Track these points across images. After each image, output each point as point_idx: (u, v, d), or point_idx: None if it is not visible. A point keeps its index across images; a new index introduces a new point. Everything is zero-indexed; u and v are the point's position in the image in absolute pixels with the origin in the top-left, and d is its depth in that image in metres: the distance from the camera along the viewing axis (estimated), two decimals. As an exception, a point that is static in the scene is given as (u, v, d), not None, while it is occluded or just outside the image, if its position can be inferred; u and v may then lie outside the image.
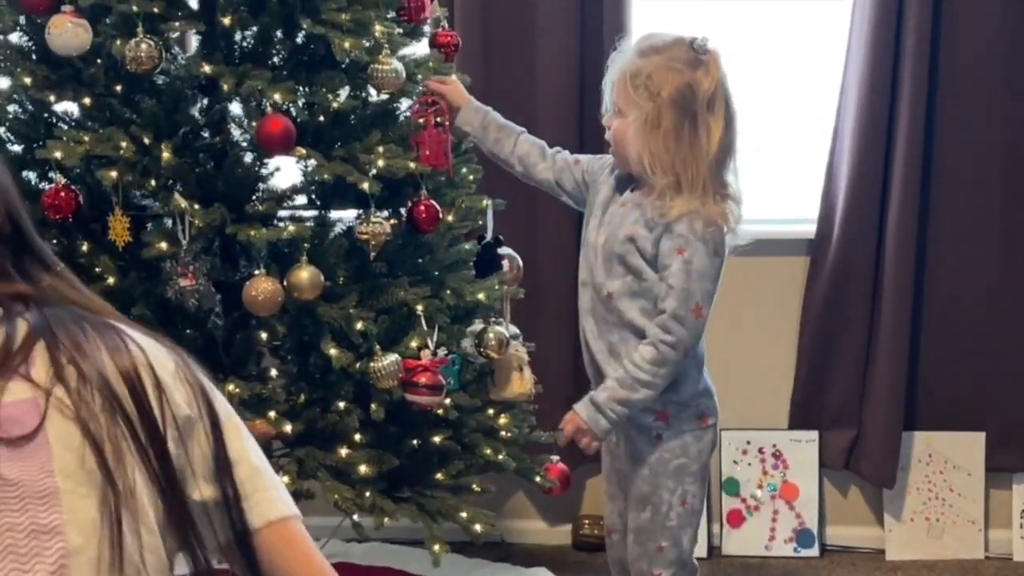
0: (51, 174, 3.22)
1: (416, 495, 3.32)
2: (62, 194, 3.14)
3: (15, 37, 3.33)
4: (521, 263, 3.65)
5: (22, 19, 3.30)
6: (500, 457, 3.44)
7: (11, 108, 3.36)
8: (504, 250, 3.63)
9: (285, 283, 3.07)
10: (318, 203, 3.39)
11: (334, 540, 4.19)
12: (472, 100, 3.42)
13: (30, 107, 3.35)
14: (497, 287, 3.47)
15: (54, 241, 3.22)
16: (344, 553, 4.24)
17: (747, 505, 4.56)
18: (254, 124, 3.13)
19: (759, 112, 4.46)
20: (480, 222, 3.63)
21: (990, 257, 4.38)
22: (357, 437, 3.21)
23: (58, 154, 3.13)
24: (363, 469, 3.12)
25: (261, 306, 3.03)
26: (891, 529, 4.54)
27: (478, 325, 3.36)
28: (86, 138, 3.15)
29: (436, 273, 3.40)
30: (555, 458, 3.65)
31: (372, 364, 3.09)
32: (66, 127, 3.30)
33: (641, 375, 3.07)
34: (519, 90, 4.31)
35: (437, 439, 3.34)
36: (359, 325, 3.13)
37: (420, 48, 3.64)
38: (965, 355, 4.44)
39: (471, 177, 3.58)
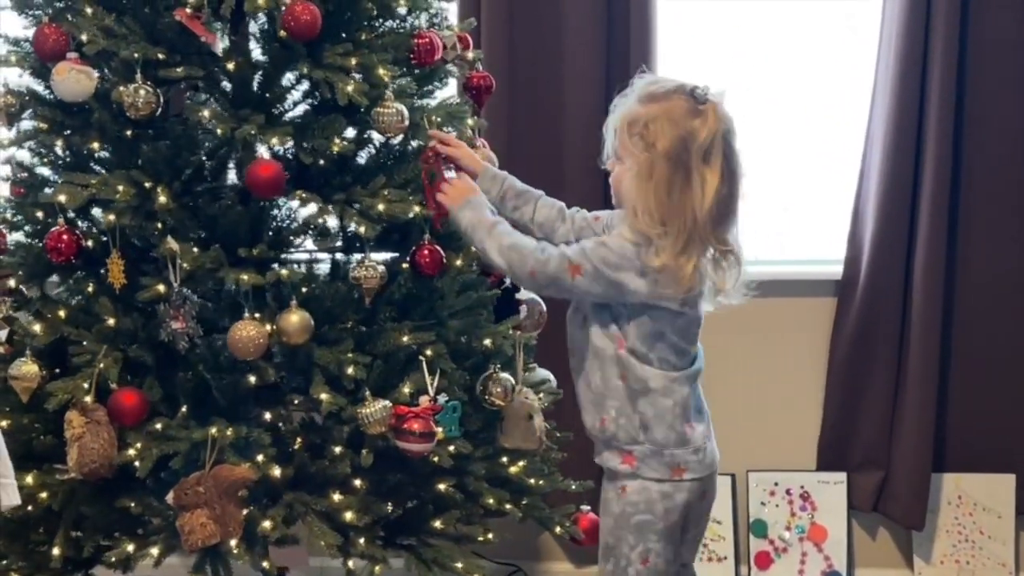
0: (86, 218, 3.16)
1: (419, 543, 3.13)
2: (64, 237, 3.04)
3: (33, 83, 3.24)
4: (544, 308, 3.42)
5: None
6: (507, 506, 3.24)
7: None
8: (524, 295, 3.41)
9: (274, 327, 2.90)
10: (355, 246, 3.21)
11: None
12: (488, 167, 3.13)
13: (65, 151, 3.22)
14: (510, 332, 3.27)
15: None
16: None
17: (775, 547, 4.31)
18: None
19: (787, 154, 4.30)
20: (501, 266, 3.43)
21: (1019, 299, 4.16)
22: (357, 483, 3.03)
23: (62, 198, 3.01)
24: (348, 516, 2.94)
25: (243, 350, 2.87)
26: (921, 572, 4.29)
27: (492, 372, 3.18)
28: (93, 181, 3.02)
29: (443, 317, 3.20)
30: (585, 508, 3.45)
31: (361, 410, 2.91)
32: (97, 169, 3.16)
33: (504, 239, 2.82)
34: (545, 130, 4.15)
35: (441, 487, 3.15)
36: (350, 370, 2.94)
37: (445, 92, 3.47)
38: (994, 396, 4.21)
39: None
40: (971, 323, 4.18)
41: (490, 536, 3.30)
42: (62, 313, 3.10)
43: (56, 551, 3.05)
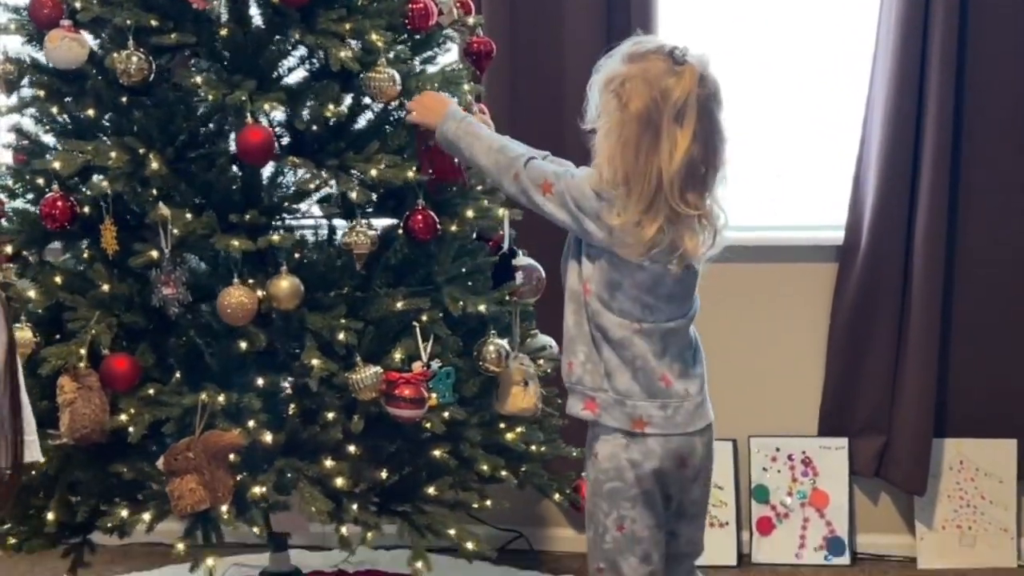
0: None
1: (413, 509, 3.11)
2: (58, 204, 3.02)
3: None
4: (543, 275, 3.37)
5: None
6: (502, 473, 3.21)
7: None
8: (522, 261, 3.35)
9: (265, 293, 2.88)
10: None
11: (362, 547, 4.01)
12: None
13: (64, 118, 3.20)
14: (506, 299, 3.24)
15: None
16: (372, 560, 4.03)
17: (777, 513, 4.29)
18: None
19: (788, 119, 4.27)
20: (500, 232, 3.40)
21: (1020, 263, 4.12)
22: (351, 449, 3.01)
23: (57, 165, 3.00)
24: (340, 482, 2.92)
25: (232, 316, 2.85)
26: (923, 537, 4.26)
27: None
28: (89, 147, 3.00)
29: (439, 283, 3.17)
30: (586, 473, 3.42)
31: (352, 375, 2.89)
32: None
33: (494, 142, 2.88)
34: (546, 93, 4.14)
35: (436, 453, 3.12)
36: (341, 336, 2.92)
37: (448, 57, 3.44)
38: (995, 361, 4.18)
39: (480, 187, 3.35)
40: (972, 289, 4.14)
41: (487, 503, 3.28)
42: (58, 279, 3.09)
43: (51, 516, 3.05)
